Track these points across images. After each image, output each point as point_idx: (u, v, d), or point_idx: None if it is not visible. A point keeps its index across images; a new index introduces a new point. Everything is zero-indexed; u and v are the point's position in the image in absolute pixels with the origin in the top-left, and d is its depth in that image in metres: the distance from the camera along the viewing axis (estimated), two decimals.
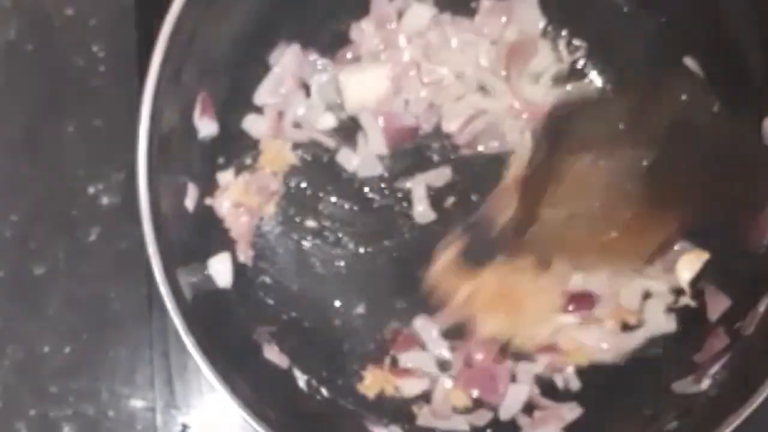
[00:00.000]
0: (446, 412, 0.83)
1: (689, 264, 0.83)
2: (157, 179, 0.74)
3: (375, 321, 0.85)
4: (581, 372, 0.84)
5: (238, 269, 0.84)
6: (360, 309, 0.85)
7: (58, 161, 0.89)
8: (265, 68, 0.85)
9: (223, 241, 0.84)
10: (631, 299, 0.84)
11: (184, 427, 0.85)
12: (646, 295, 0.84)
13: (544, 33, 0.86)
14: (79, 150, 0.89)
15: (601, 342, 0.83)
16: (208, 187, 0.83)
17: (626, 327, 0.84)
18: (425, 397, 0.85)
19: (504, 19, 0.85)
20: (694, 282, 0.83)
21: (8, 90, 0.89)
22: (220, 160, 0.84)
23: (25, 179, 0.89)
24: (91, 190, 0.89)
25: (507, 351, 0.83)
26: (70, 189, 0.88)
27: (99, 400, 0.87)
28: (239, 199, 0.83)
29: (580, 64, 0.86)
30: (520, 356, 0.84)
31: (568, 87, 0.84)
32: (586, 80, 0.83)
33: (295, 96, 0.85)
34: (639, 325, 0.84)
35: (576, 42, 0.86)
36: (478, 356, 0.83)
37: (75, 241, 0.88)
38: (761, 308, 0.78)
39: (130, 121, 0.73)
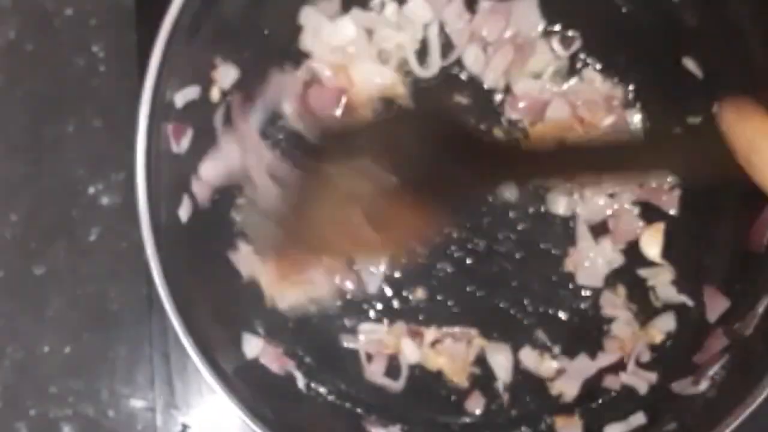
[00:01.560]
0: None
1: (651, 239, 0.84)
2: (157, 179, 0.74)
3: None
4: None
5: None
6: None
7: (58, 161, 0.89)
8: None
9: None
10: None
11: (184, 427, 0.85)
12: None
13: (543, 34, 0.86)
14: (79, 150, 0.89)
15: None
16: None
17: None
18: None
19: (503, 21, 0.85)
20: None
21: (8, 90, 0.89)
22: None
23: (25, 179, 0.89)
24: (91, 190, 0.89)
25: None
26: (70, 189, 0.88)
27: (99, 400, 0.87)
28: None
29: (580, 60, 0.86)
30: None
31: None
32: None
33: None
34: None
35: (570, 33, 0.86)
36: None
37: (75, 241, 0.88)
38: (760, 309, 0.78)
39: (130, 121, 0.73)
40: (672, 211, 0.84)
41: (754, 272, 0.81)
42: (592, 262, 0.84)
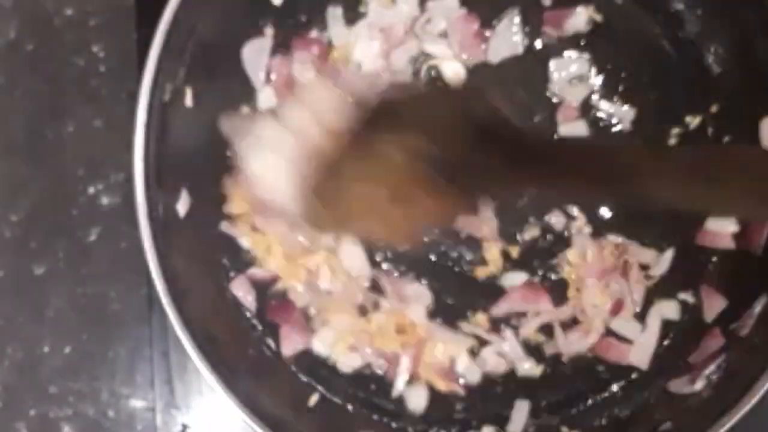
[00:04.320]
0: None
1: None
2: (155, 179, 0.75)
3: None
4: (579, 370, 0.85)
5: None
6: None
7: (58, 161, 0.89)
8: None
9: None
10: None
11: (184, 427, 0.85)
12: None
13: None
14: (79, 150, 0.89)
15: None
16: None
17: None
18: None
19: None
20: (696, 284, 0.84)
21: (8, 90, 0.89)
22: None
23: (25, 179, 0.89)
24: (91, 190, 0.89)
25: None
26: (70, 189, 0.88)
27: (99, 400, 0.87)
28: None
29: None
30: None
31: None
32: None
33: None
34: None
35: None
36: None
37: (75, 241, 0.88)
38: (757, 309, 0.79)
39: (130, 121, 0.73)
40: None
41: (751, 272, 0.81)
42: None
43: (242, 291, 0.84)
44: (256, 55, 0.84)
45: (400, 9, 0.86)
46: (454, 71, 0.86)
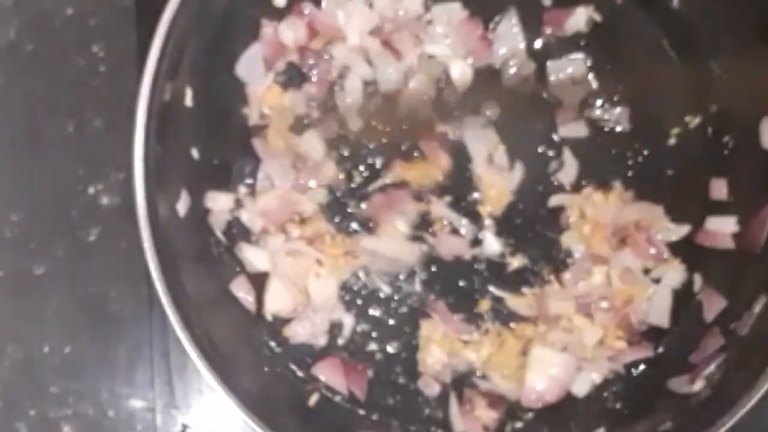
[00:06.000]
0: None
1: None
2: (155, 179, 0.75)
3: None
4: None
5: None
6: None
7: (58, 161, 0.89)
8: None
9: None
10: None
11: (184, 427, 0.85)
12: None
13: None
14: (79, 150, 0.89)
15: None
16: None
17: None
18: None
19: None
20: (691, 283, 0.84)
21: (8, 90, 0.90)
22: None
23: (25, 179, 0.89)
24: (91, 190, 0.89)
25: None
26: (70, 189, 0.88)
27: (99, 400, 0.87)
28: None
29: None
30: None
31: None
32: None
33: None
34: None
35: None
36: None
37: (75, 241, 0.88)
38: (757, 309, 0.79)
39: (130, 121, 0.73)
40: None
41: (751, 272, 0.81)
42: None
43: (242, 291, 0.84)
44: (251, 64, 0.85)
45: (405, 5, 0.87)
46: (461, 72, 0.86)
